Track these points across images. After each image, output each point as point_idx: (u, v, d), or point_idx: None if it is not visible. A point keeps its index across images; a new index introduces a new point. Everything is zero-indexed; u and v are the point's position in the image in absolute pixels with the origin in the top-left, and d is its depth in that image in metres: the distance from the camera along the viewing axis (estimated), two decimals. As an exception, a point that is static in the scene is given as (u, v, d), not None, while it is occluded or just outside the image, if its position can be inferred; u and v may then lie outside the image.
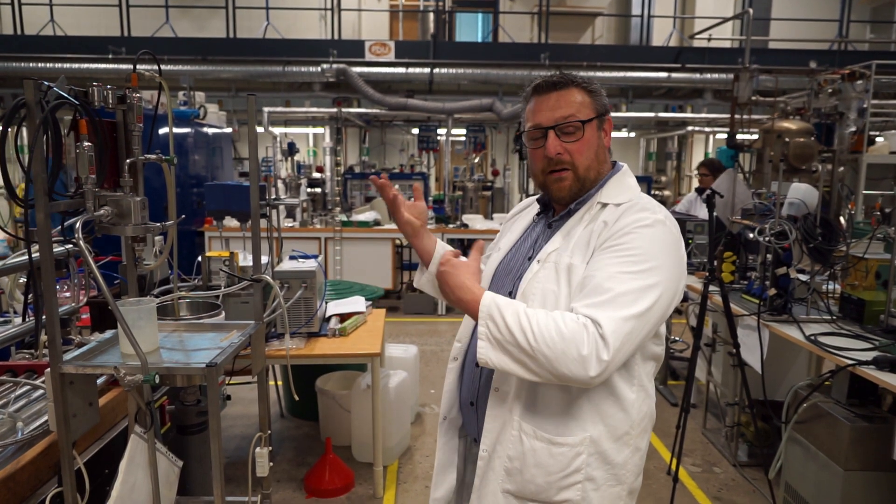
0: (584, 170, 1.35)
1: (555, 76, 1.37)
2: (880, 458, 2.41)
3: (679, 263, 1.28)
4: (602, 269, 1.22)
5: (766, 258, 3.06)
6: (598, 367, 1.14)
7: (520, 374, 1.21)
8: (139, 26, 9.96)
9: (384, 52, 9.35)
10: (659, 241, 1.24)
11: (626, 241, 1.24)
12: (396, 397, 3.51)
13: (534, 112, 1.37)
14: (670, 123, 10.68)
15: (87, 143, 1.55)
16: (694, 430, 3.94)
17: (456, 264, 1.31)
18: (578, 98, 1.34)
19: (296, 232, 7.07)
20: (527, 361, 1.17)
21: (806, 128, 5.44)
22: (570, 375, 1.15)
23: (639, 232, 1.24)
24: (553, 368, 1.15)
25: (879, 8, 11.72)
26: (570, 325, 1.15)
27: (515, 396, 1.34)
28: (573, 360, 1.13)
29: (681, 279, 1.29)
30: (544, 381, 1.20)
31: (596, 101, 1.36)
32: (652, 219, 1.26)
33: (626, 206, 1.31)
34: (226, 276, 2.79)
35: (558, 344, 1.14)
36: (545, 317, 1.18)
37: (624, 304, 1.17)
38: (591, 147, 1.35)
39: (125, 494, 1.68)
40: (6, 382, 1.94)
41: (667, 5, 11.31)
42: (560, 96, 1.34)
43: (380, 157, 12.12)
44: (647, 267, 1.21)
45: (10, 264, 2.09)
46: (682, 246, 1.30)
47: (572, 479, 1.30)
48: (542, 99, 1.36)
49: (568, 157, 1.34)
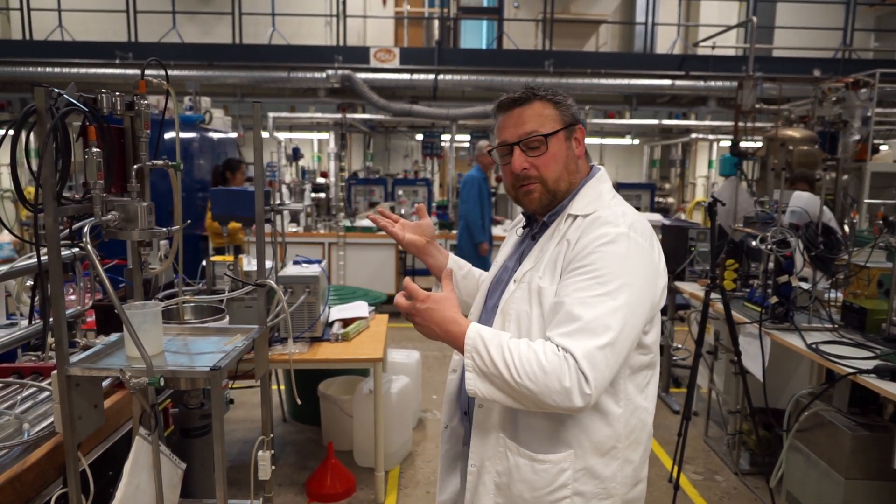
0: (552, 182, 1.36)
1: (517, 92, 1.37)
2: (881, 467, 2.41)
3: (649, 273, 1.27)
4: (570, 293, 1.22)
5: (767, 266, 3.07)
6: (583, 399, 1.14)
7: (509, 404, 1.22)
8: (146, 32, 10.04)
9: (389, 59, 9.39)
10: (623, 257, 1.23)
11: (590, 262, 1.23)
12: (398, 402, 3.52)
13: (500, 129, 1.39)
14: (674, 131, 10.71)
15: (96, 149, 1.57)
16: (695, 437, 3.93)
17: (437, 299, 1.29)
18: (542, 111, 1.35)
19: (299, 237, 7.10)
20: (513, 394, 1.18)
21: (810, 136, 5.46)
22: (557, 406, 1.16)
23: (601, 250, 1.23)
24: (538, 401, 1.16)
25: (884, 16, 11.72)
26: (550, 357, 1.15)
27: (499, 413, 1.35)
28: (557, 393, 1.14)
29: (654, 287, 1.28)
30: (535, 410, 1.21)
31: (562, 112, 1.36)
32: (614, 233, 1.25)
33: (590, 221, 1.30)
34: (230, 281, 2.81)
35: (540, 378, 1.14)
36: (527, 349, 1.18)
37: (596, 331, 1.16)
38: (558, 159, 1.35)
39: (129, 496, 1.70)
40: (13, 384, 1.97)
41: (671, 13, 11.34)
42: (522, 112, 1.35)
43: (384, 163, 12.16)
44: (614, 287, 1.20)
45: (19, 267, 2.11)
46: (652, 252, 1.29)
47: (560, 493, 1.30)
48: (506, 116, 1.38)
49: (535, 171, 1.35)
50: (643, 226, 1.31)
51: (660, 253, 1.32)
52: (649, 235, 1.31)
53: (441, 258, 1.66)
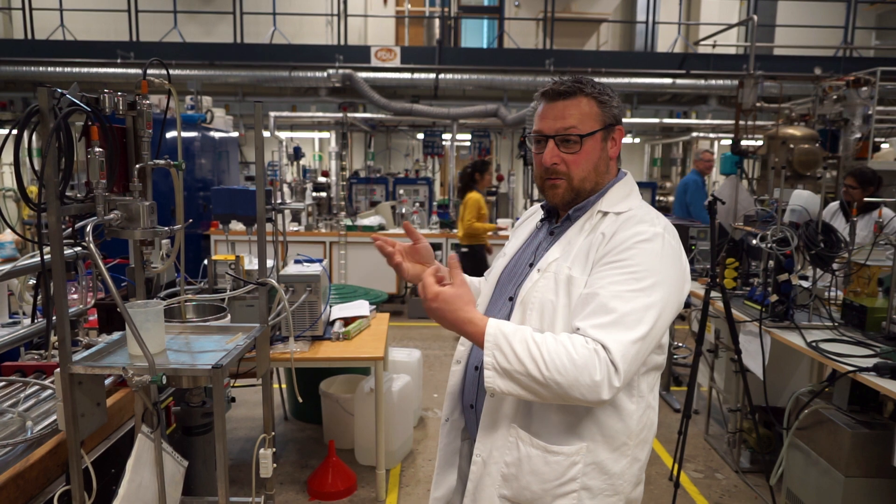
0: (578, 181, 1.35)
1: (566, 83, 1.34)
2: (881, 464, 2.42)
3: (680, 274, 1.29)
4: (605, 286, 1.22)
5: (768, 264, 3.07)
6: (610, 391, 1.15)
7: (528, 399, 1.21)
8: (148, 31, 10.05)
9: (390, 58, 9.40)
10: (659, 256, 1.24)
11: (627, 257, 1.23)
12: (399, 401, 3.53)
13: (539, 117, 1.37)
14: (675, 129, 10.70)
15: (99, 149, 1.58)
16: (696, 435, 3.94)
17: (446, 298, 1.22)
18: (585, 108, 1.33)
19: (301, 236, 7.11)
20: (537, 389, 1.17)
21: (811, 134, 5.45)
22: (583, 399, 1.16)
23: (639, 247, 1.24)
24: (565, 394, 1.15)
25: (885, 14, 11.71)
26: (580, 350, 1.15)
27: (511, 403, 1.34)
28: (586, 387, 1.14)
29: (682, 289, 1.30)
30: (553, 403, 1.21)
31: (605, 111, 1.34)
32: (651, 232, 1.26)
33: (625, 217, 1.31)
34: (231, 280, 2.82)
35: (571, 371, 1.14)
36: (554, 343, 1.17)
37: (629, 324, 1.17)
38: (589, 159, 1.35)
39: (132, 493, 1.71)
40: (16, 382, 1.98)
41: (672, 12, 11.33)
42: (566, 106, 1.33)
43: (385, 162, 12.17)
44: (649, 284, 1.21)
45: (22, 266, 2.12)
46: (682, 255, 1.31)
47: (568, 487, 1.30)
48: (549, 106, 1.35)
49: (564, 167, 1.34)
50: (674, 230, 1.32)
51: (686, 258, 1.34)
52: (679, 240, 1.33)
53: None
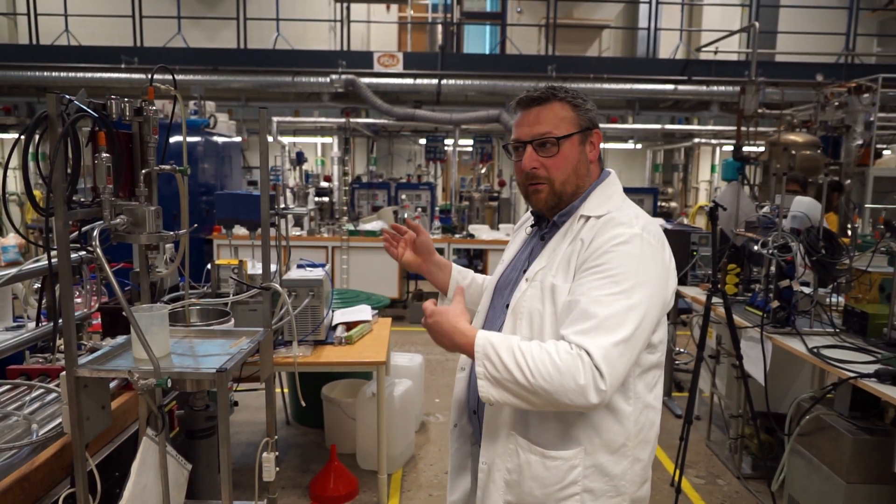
0: (559, 184, 1.37)
1: (539, 90, 1.38)
2: (882, 470, 2.41)
3: (662, 273, 1.29)
4: (585, 293, 1.24)
5: (769, 270, 3.08)
6: (598, 395, 1.16)
7: (523, 407, 1.24)
8: (152, 37, 10.11)
9: (392, 64, 9.44)
10: (637, 257, 1.25)
11: (605, 262, 1.25)
12: (401, 406, 3.54)
13: (516, 126, 1.41)
14: (677, 135, 10.71)
15: (105, 154, 1.60)
16: (698, 441, 3.94)
17: (441, 312, 1.31)
18: (560, 113, 1.36)
19: (303, 241, 7.12)
20: (528, 396, 1.20)
21: (812, 140, 5.46)
22: (573, 405, 1.18)
23: (616, 250, 1.25)
24: (555, 400, 1.18)
25: (886, 21, 11.73)
26: (563, 356, 1.17)
27: (509, 410, 1.36)
28: (572, 391, 1.16)
29: (666, 287, 1.30)
30: (548, 410, 1.23)
31: (580, 115, 1.37)
32: (628, 234, 1.27)
33: (604, 221, 1.32)
34: (235, 284, 2.84)
35: (555, 377, 1.16)
36: (539, 350, 1.19)
37: (610, 328, 1.18)
38: (568, 163, 1.37)
39: (136, 495, 1.72)
40: (21, 385, 1.99)
41: (673, 18, 11.37)
42: (541, 111, 1.36)
43: (387, 167, 12.20)
44: (629, 286, 1.22)
45: (27, 270, 2.14)
46: (664, 253, 1.31)
47: (570, 490, 1.31)
48: (525, 113, 1.39)
49: (544, 171, 1.37)
50: (655, 228, 1.33)
51: (670, 255, 1.34)
52: (661, 237, 1.33)
53: (443, 274, 1.67)
